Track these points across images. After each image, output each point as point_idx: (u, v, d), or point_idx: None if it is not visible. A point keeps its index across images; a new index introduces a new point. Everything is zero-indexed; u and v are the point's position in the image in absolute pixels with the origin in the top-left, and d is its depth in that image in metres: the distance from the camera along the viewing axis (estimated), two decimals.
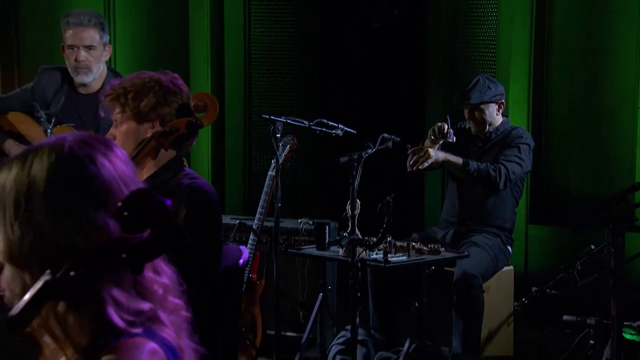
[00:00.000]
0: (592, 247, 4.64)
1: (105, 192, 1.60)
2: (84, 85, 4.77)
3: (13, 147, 4.83)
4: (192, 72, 6.41)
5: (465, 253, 4.65)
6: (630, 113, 5.76)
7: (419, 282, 4.64)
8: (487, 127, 5.04)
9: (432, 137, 4.87)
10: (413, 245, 4.51)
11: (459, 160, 4.82)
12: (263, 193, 4.85)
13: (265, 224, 4.84)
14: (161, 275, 1.67)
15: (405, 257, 4.44)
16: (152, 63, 6.13)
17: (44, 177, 1.58)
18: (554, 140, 6.00)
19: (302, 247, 4.85)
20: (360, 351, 4.41)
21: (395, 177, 6.08)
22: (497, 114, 5.06)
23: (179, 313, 1.69)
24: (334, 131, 4.72)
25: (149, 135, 3.11)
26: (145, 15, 6.45)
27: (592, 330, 3.70)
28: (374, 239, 4.40)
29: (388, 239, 4.41)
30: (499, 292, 4.94)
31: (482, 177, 4.81)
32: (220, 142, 6.51)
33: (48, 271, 1.53)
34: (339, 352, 4.67)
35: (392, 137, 4.62)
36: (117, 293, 1.59)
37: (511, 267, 5.10)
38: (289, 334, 5.01)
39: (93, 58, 4.72)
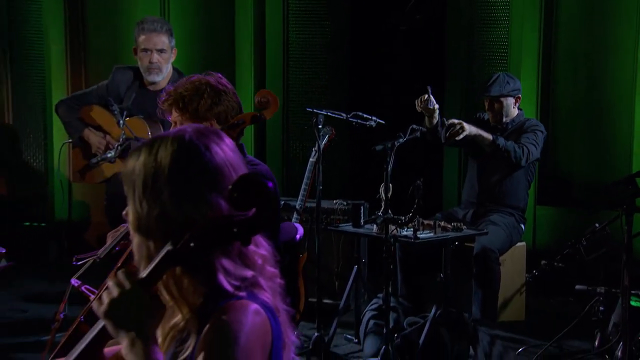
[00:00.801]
0: (596, 225, 4.67)
1: (218, 176, 1.66)
2: (153, 83, 4.85)
3: (90, 136, 4.90)
4: (237, 70, 6.41)
5: (484, 230, 4.67)
6: (627, 107, 5.74)
7: (444, 256, 4.59)
8: (504, 118, 5.04)
9: (420, 109, 4.80)
10: (439, 224, 4.49)
11: (489, 135, 4.81)
12: (305, 177, 4.88)
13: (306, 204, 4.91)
14: (260, 248, 1.72)
15: (432, 234, 4.44)
16: (203, 61, 6.16)
17: (168, 162, 1.65)
18: (560, 130, 5.97)
19: (340, 225, 4.90)
20: (391, 316, 4.40)
21: (416, 162, 6.09)
22: (513, 107, 5.05)
23: (275, 280, 1.75)
24: (367, 122, 4.72)
25: None
26: (196, 19, 6.46)
27: (601, 298, 3.73)
28: (405, 218, 4.45)
29: (417, 217, 4.44)
30: (512, 265, 4.96)
31: (508, 152, 4.79)
32: (261, 133, 6.52)
33: (169, 243, 1.60)
34: (372, 317, 4.65)
35: (420, 127, 4.63)
36: (226, 262, 1.65)
37: (524, 243, 5.11)
38: (325, 301, 5.05)
39: (163, 60, 4.78)
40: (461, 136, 4.74)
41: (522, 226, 5.07)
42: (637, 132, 5.70)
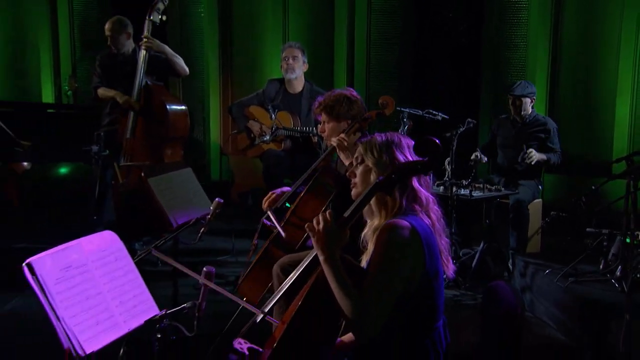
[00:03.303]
0: (593, 187, 4.74)
1: (404, 148, 2.05)
2: (292, 87, 5.08)
3: (253, 126, 5.16)
4: (334, 79, 6.49)
5: (516, 190, 4.76)
6: (610, 106, 5.76)
7: (486, 208, 4.67)
8: (523, 112, 4.98)
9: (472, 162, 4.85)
10: (485, 186, 4.64)
11: (544, 156, 4.81)
12: None
13: None
14: (427, 191, 2.05)
15: (482, 193, 4.58)
16: (311, 74, 6.31)
17: (385, 141, 2.06)
18: (561, 121, 5.84)
19: None
20: (451, 248, 4.57)
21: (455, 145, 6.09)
22: (529, 105, 4.99)
23: (439, 219, 2.03)
24: (436, 117, 4.79)
25: (346, 127, 3.26)
26: (306, 45, 6.47)
27: (605, 237, 3.85)
28: (466, 182, 4.59)
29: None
30: (533, 214, 4.95)
31: (556, 165, 4.82)
32: None
33: (377, 178, 1.94)
34: None
35: (473, 120, 4.71)
36: (410, 190, 2.00)
37: (540, 200, 5.12)
38: None
39: (295, 64, 4.96)
40: (533, 162, 4.74)
41: (540, 187, 5.09)
42: (617, 123, 5.73)
